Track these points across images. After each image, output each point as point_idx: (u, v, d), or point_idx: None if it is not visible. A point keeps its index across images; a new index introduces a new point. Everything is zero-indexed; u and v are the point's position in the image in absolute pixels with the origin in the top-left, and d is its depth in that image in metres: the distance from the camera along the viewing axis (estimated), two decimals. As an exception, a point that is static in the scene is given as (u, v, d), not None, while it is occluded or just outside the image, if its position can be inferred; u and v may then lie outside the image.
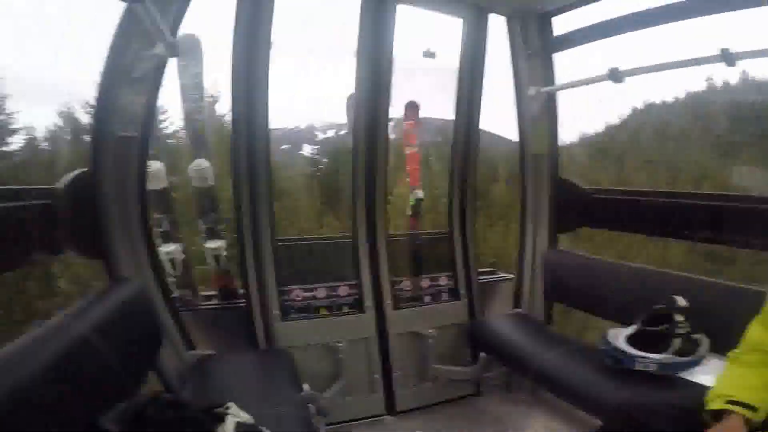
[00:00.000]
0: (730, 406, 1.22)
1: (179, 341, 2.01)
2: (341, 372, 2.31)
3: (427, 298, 2.59)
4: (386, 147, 2.39)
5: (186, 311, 2.16)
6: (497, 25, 2.52)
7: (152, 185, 2.07)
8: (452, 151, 2.65)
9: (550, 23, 2.48)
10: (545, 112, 2.54)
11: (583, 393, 1.78)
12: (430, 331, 2.48)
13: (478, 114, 2.60)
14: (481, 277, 2.78)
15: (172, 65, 1.83)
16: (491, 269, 3.08)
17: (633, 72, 2.05)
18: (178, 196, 2.46)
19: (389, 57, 2.30)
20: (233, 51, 2.04)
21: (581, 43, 2.39)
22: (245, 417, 1.26)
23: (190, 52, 2.19)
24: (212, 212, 2.36)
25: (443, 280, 2.66)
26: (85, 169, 1.67)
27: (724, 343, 1.39)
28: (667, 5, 1.97)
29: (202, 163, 2.28)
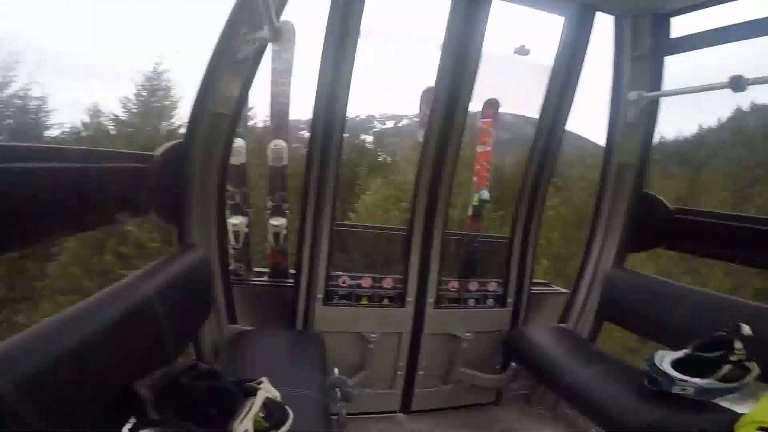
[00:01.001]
0: None
1: (224, 314, 2.09)
2: (366, 363, 2.32)
3: (471, 302, 2.53)
4: (458, 143, 2.32)
5: (238, 284, 2.25)
6: (600, 24, 2.35)
7: (233, 160, 2.18)
8: (531, 153, 2.52)
9: (667, 24, 2.29)
10: (642, 119, 2.35)
11: (608, 412, 1.72)
12: (467, 334, 2.43)
13: (566, 119, 2.46)
14: (533, 288, 2.68)
15: (268, 49, 1.89)
16: (545, 281, 2.96)
17: (757, 81, 1.81)
18: (253, 174, 2.56)
19: (477, 52, 2.21)
20: (325, 38, 2.05)
21: (699, 47, 2.19)
22: (275, 393, 1.28)
23: (286, 37, 2.26)
24: (281, 191, 2.45)
25: (492, 286, 2.58)
26: (181, 141, 1.78)
27: None
28: None
29: (280, 143, 2.38)
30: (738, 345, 1.66)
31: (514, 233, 2.58)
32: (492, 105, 2.76)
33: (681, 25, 2.26)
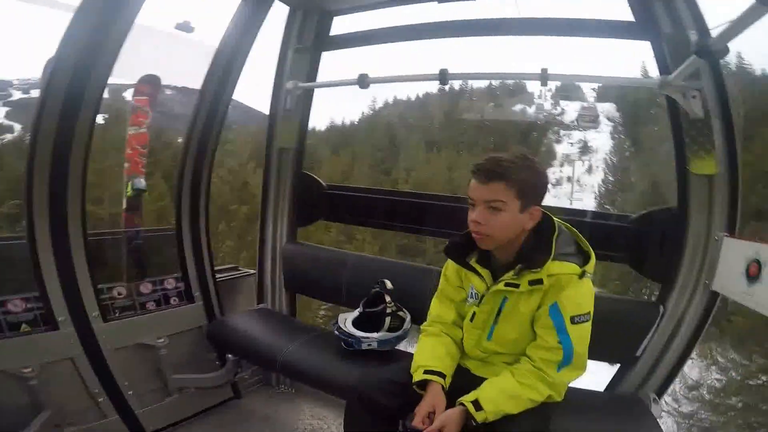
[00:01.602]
0: (427, 376, 1.36)
1: None
2: (43, 403, 1.75)
3: (151, 305, 2.18)
4: (91, 126, 1.82)
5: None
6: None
7: None
8: (189, 136, 2.28)
9: (330, 22, 2.49)
10: (299, 107, 2.54)
11: (325, 378, 1.85)
12: (160, 340, 2.13)
13: (227, 103, 2.34)
14: (219, 276, 2.56)
15: None
16: (232, 266, 2.88)
17: (378, 80, 2.20)
18: None
19: (127, 23, 1.78)
20: None
21: (350, 46, 2.48)
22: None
23: None
24: None
25: (171, 283, 2.28)
26: None
27: (422, 317, 1.62)
28: (428, 24, 2.26)
29: None
30: (387, 298, 1.94)
31: (180, 223, 2.32)
32: (149, 81, 2.32)
33: (342, 25, 2.52)
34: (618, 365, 1.96)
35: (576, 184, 45.36)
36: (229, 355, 2.34)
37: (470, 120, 47.51)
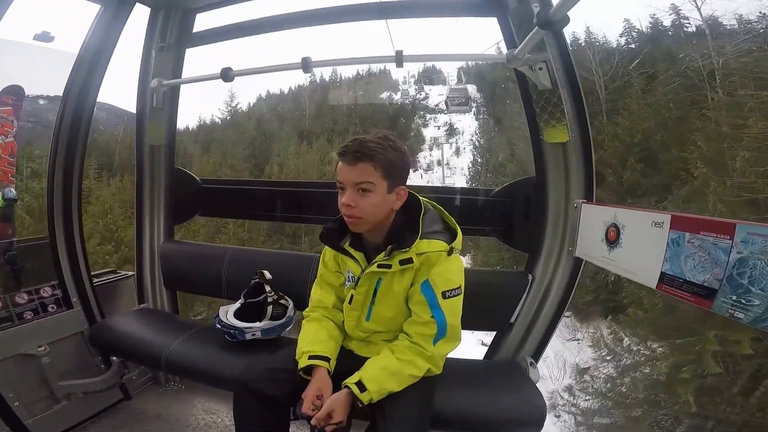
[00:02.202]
0: (312, 361, 1.35)
1: None
2: None
3: (28, 314, 2.12)
4: None
5: None
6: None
7: None
8: (53, 144, 2.20)
9: (193, 19, 2.48)
10: (166, 105, 2.54)
11: (212, 372, 1.83)
12: (41, 348, 2.06)
13: (92, 107, 2.29)
14: (98, 280, 2.50)
15: None
16: (111, 269, 2.81)
17: (241, 73, 2.19)
18: None
19: None
20: None
21: (213, 41, 2.51)
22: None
23: None
24: None
25: (47, 291, 2.21)
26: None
27: (305, 303, 1.64)
28: (289, 14, 2.35)
29: None
30: (267, 288, 1.95)
31: (54, 230, 2.23)
32: (11, 92, 2.18)
33: (208, 21, 2.54)
34: (495, 333, 2.04)
35: (446, 167, 47.39)
36: (114, 358, 2.31)
37: (339, 108, 48.41)
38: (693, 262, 1.16)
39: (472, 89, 53.71)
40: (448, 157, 48.76)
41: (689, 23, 25.25)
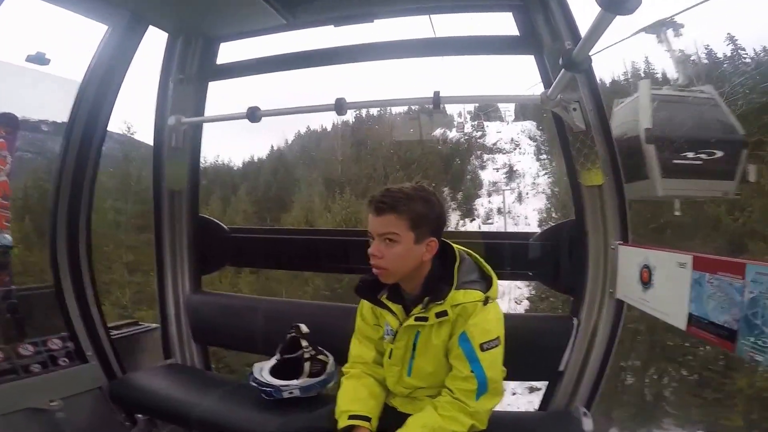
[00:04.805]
0: (352, 421, 1.33)
1: None
2: None
3: (35, 367, 1.98)
4: None
5: None
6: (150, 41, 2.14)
7: None
8: (56, 180, 2.04)
9: (216, 49, 2.30)
10: (187, 144, 2.31)
11: (243, 431, 1.74)
12: (54, 403, 1.91)
13: (101, 139, 2.13)
14: (117, 332, 2.35)
15: None
16: (132, 321, 2.64)
17: (270, 113, 2.10)
18: None
19: None
20: None
21: (240, 75, 2.32)
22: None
23: None
24: None
25: (56, 343, 2.08)
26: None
27: (346, 357, 1.57)
28: (322, 50, 2.20)
29: None
30: (304, 342, 1.87)
31: (59, 279, 2.06)
32: (3, 122, 2.02)
33: (232, 52, 2.34)
34: (546, 383, 1.96)
35: (508, 216, 41.27)
36: (140, 415, 2.13)
37: (381, 150, 41.25)
38: (714, 303, 1.16)
39: (530, 126, 48.90)
40: (510, 205, 42.86)
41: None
